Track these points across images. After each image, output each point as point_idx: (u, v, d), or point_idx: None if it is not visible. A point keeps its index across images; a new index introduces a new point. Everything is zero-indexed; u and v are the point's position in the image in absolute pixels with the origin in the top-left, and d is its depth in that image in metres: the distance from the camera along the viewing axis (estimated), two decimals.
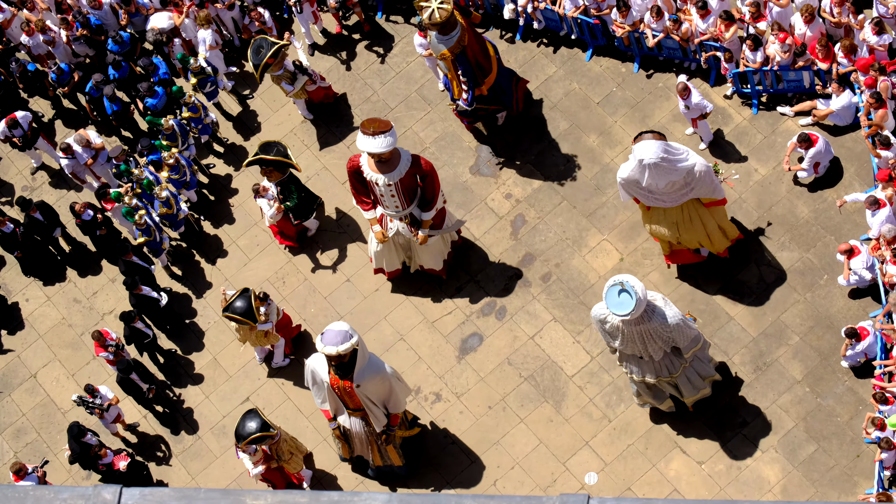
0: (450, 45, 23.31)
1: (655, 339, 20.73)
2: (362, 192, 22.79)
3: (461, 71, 23.77)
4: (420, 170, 22.27)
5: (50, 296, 26.16)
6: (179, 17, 26.95)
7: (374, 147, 21.58)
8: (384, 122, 21.56)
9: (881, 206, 22.07)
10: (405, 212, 22.83)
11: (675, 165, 21.15)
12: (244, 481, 23.62)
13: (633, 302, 19.92)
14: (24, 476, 23.18)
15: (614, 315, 20.16)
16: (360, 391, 20.72)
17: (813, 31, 23.87)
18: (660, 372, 21.52)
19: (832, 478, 21.77)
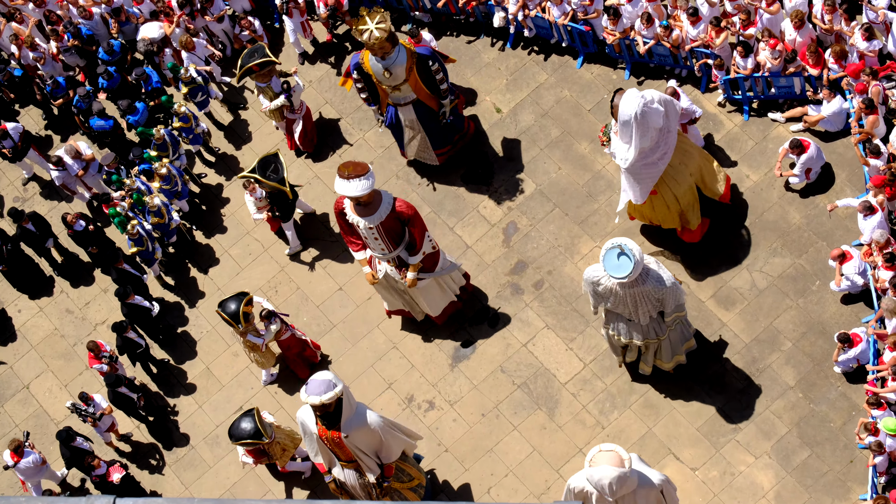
0: (389, 66, 23.23)
1: (647, 301, 20.98)
2: (350, 234, 22.54)
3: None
4: (401, 214, 21.92)
5: (42, 307, 26.14)
6: (170, 27, 26.95)
7: (351, 191, 21.24)
8: (361, 165, 21.20)
9: (874, 212, 22.10)
10: (392, 254, 22.51)
11: (653, 107, 21.60)
12: (238, 491, 23.61)
13: (632, 264, 20.20)
14: (22, 454, 23.35)
15: (612, 277, 20.42)
16: (348, 441, 20.20)
17: (803, 37, 23.91)
18: (647, 334, 21.79)
19: (826, 483, 21.78)
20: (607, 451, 18.89)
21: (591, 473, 18.93)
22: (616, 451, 18.86)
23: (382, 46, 22.89)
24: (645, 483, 19.44)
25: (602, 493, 19.17)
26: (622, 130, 21.99)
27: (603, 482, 18.74)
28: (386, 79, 23.46)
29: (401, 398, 23.81)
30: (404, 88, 23.68)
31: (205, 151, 26.85)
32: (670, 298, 21.01)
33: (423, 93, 23.83)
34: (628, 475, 18.78)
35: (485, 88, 26.21)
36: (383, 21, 22.70)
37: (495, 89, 26.17)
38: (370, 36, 22.70)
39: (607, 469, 18.67)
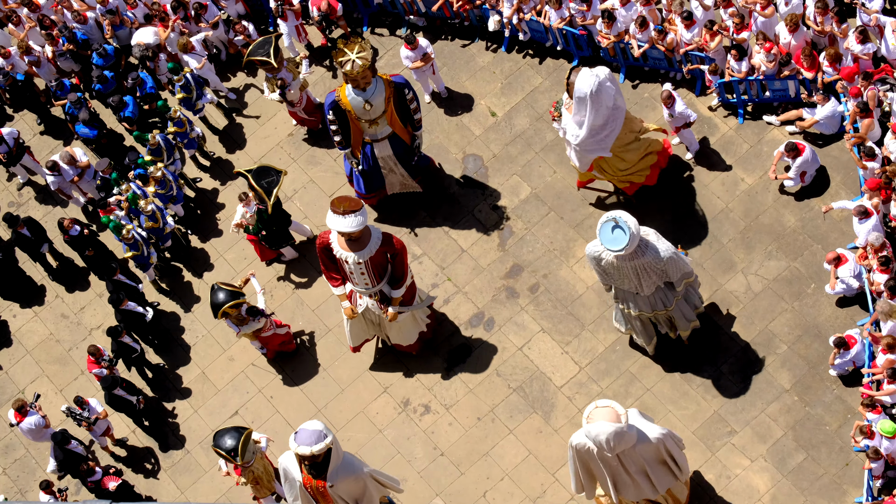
0: (369, 98, 23.09)
1: (649, 273, 21.15)
2: (331, 269, 22.57)
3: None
4: (391, 248, 22.05)
5: (37, 312, 26.12)
6: (165, 32, 26.93)
7: (345, 226, 21.33)
8: (355, 200, 21.30)
9: (869, 215, 22.11)
10: (375, 289, 22.57)
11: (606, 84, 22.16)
12: (233, 496, 23.60)
13: (627, 237, 20.45)
14: (25, 414, 23.60)
15: (609, 251, 20.59)
16: (332, 491, 20.03)
17: (798, 40, 23.93)
18: (655, 306, 21.99)
19: (821, 486, 21.79)
20: (603, 406, 19.29)
21: (588, 429, 19.28)
22: (612, 407, 19.26)
23: (364, 76, 22.78)
24: (644, 439, 19.70)
25: (601, 448, 19.47)
26: (577, 107, 22.49)
27: (600, 438, 19.09)
28: (366, 112, 23.27)
29: (396, 402, 23.81)
30: (381, 122, 23.57)
31: (200, 156, 26.83)
32: (672, 268, 21.25)
33: (398, 125, 23.83)
34: (625, 430, 19.11)
35: (480, 92, 26.22)
36: (363, 50, 22.59)
37: (490, 93, 26.18)
38: (352, 66, 22.58)
39: (604, 425, 19.01)
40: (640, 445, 19.79)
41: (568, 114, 22.99)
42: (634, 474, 20.27)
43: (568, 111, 22.97)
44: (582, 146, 23.03)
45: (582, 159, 23.38)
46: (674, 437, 20.32)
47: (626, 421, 19.20)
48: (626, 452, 19.81)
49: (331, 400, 24.10)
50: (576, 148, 23.12)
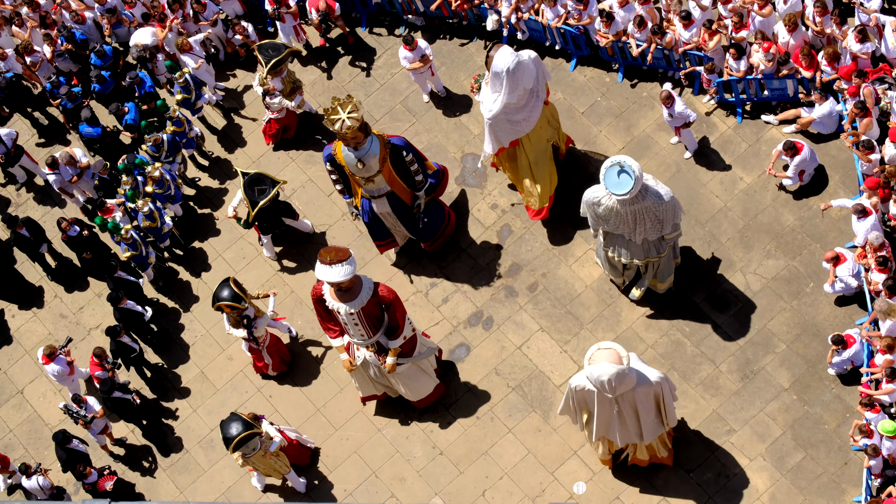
0: (361, 156, 22.60)
1: (646, 219, 21.44)
2: (328, 320, 22.22)
3: None
4: (382, 299, 21.66)
5: (36, 311, 26.11)
6: (163, 32, 26.92)
7: (333, 276, 20.91)
8: (342, 250, 20.96)
9: (867, 214, 22.13)
10: (371, 340, 22.12)
11: (525, 63, 22.42)
12: (232, 495, 23.60)
13: (633, 181, 20.69)
14: (54, 358, 23.84)
15: (613, 195, 20.88)
16: None
17: (796, 39, 23.95)
18: (648, 252, 22.29)
19: (820, 485, 21.81)
20: (606, 348, 19.63)
21: (590, 371, 19.54)
22: (615, 349, 19.57)
23: (355, 136, 22.21)
24: (643, 381, 19.96)
25: (601, 389, 19.71)
26: (493, 82, 22.70)
27: (602, 379, 19.36)
28: (359, 170, 22.81)
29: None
30: (378, 180, 23.06)
31: (198, 155, 26.83)
32: (670, 214, 21.49)
33: (397, 185, 23.27)
34: (627, 372, 19.40)
35: None
36: (355, 110, 22.02)
37: None
38: (342, 126, 22.01)
39: (606, 366, 19.30)
40: (638, 388, 20.12)
41: (486, 88, 23.19)
42: (627, 418, 20.64)
43: (487, 86, 23.19)
44: (494, 122, 23.18)
45: (493, 140, 23.53)
46: (669, 384, 20.68)
47: (628, 363, 19.56)
48: (624, 395, 20.10)
49: (330, 399, 24.10)
50: (487, 122, 23.26)
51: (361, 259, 24.92)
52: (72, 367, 24.23)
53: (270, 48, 25.36)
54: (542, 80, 23.05)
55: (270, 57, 25.24)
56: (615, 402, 20.24)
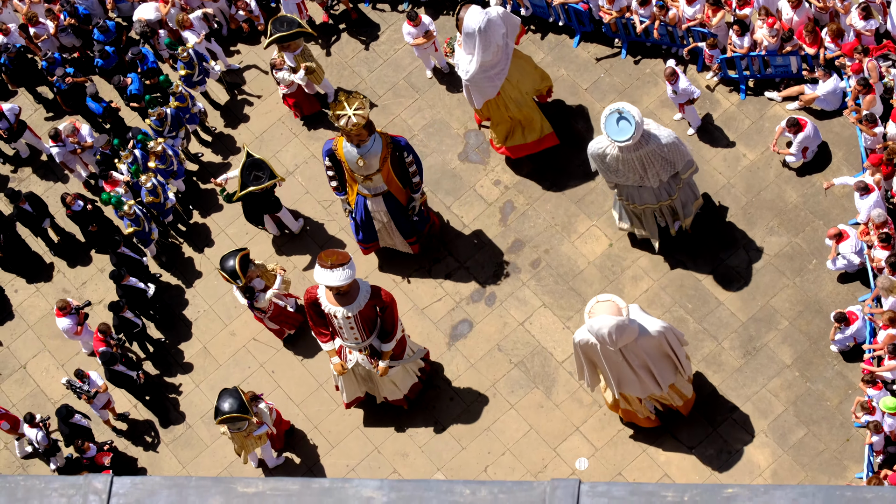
0: (363, 154, 22.53)
1: (654, 162, 21.57)
2: (320, 324, 22.15)
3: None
4: (380, 301, 21.62)
5: (39, 287, 26.12)
6: (165, 7, 26.88)
7: (333, 280, 20.88)
8: (342, 254, 20.93)
9: (870, 191, 22.11)
10: (365, 343, 22.09)
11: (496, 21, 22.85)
12: (235, 469, 23.64)
13: (633, 126, 20.91)
14: (66, 313, 24.09)
15: (615, 143, 21.01)
16: None
17: (800, 15, 23.90)
18: (660, 196, 22.38)
19: (822, 462, 21.83)
20: (604, 301, 19.74)
21: (590, 324, 19.65)
22: (613, 301, 19.65)
23: (359, 133, 22.14)
24: (645, 332, 19.99)
25: (603, 342, 19.81)
26: (466, 42, 22.95)
27: (602, 331, 19.45)
28: (359, 167, 22.73)
29: None
30: (376, 179, 23.02)
31: (201, 131, 26.81)
32: (676, 155, 21.63)
33: (394, 185, 23.23)
34: (627, 324, 19.47)
35: None
36: (362, 107, 21.96)
37: None
38: (347, 122, 21.92)
39: (606, 318, 19.37)
40: (641, 339, 20.21)
41: (460, 50, 23.39)
42: (637, 369, 20.75)
43: (460, 48, 23.38)
44: (472, 82, 23.44)
45: (475, 95, 23.80)
46: (675, 332, 20.77)
47: (628, 314, 19.65)
48: (628, 347, 20.27)
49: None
50: (466, 83, 23.53)
51: None
52: (80, 328, 24.27)
53: (286, 22, 25.27)
54: (511, 31, 23.36)
55: (278, 31, 25.18)
56: (621, 355, 20.27)
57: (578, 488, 10.36)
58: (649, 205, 22.57)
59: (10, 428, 24.08)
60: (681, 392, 21.76)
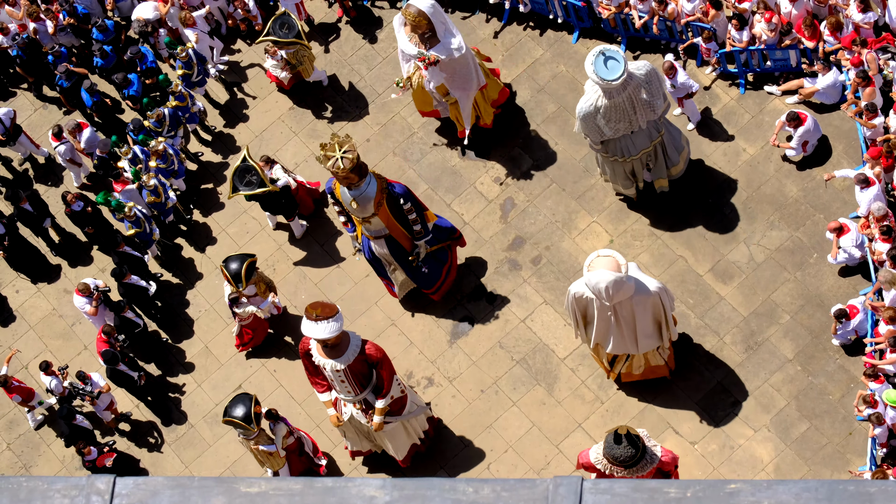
0: (356, 197, 22.10)
1: (640, 99, 21.89)
2: (315, 374, 21.72)
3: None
4: (369, 357, 21.25)
5: (40, 287, 26.13)
6: (165, 6, 26.89)
7: (319, 333, 20.42)
8: (330, 306, 20.50)
9: (870, 184, 22.11)
10: (358, 397, 21.67)
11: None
12: (238, 469, 23.64)
13: (622, 62, 21.22)
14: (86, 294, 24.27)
15: (610, 83, 21.25)
16: None
17: (798, 9, 23.90)
18: (652, 135, 22.63)
19: (825, 456, 21.83)
20: (605, 255, 19.86)
21: (588, 278, 19.75)
22: (613, 257, 19.78)
23: (347, 177, 21.63)
24: (642, 290, 20.11)
25: (599, 297, 19.92)
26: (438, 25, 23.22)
27: (600, 286, 19.55)
28: (354, 209, 22.38)
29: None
30: (375, 222, 22.57)
31: (201, 130, 26.82)
32: (655, 84, 21.92)
33: (396, 229, 22.82)
34: (624, 280, 19.60)
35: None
36: (351, 150, 21.44)
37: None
38: (334, 164, 21.42)
39: (604, 273, 19.48)
40: (636, 297, 20.30)
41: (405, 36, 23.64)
42: (624, 327, 20.88)
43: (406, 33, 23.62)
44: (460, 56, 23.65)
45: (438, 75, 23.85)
46: (668, 293, 20.86)
47: (626, 271, 19.73)
48: (622, 304, 20.30)
49: None
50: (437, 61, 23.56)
51: None
52: (95, 309, 24.32)
53: (287, 26, 25.24)
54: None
55: (276, 33, 25.18)
56: (612, 310, 20.34)
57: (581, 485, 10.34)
58: (644, 150, 22.73)
59: (23, 400, 24.16)
60: (647, 361, 21.87)
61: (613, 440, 18.69)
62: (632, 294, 20.12)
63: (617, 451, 18.63)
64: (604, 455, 18.92)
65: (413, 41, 23.54)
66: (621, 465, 18.88)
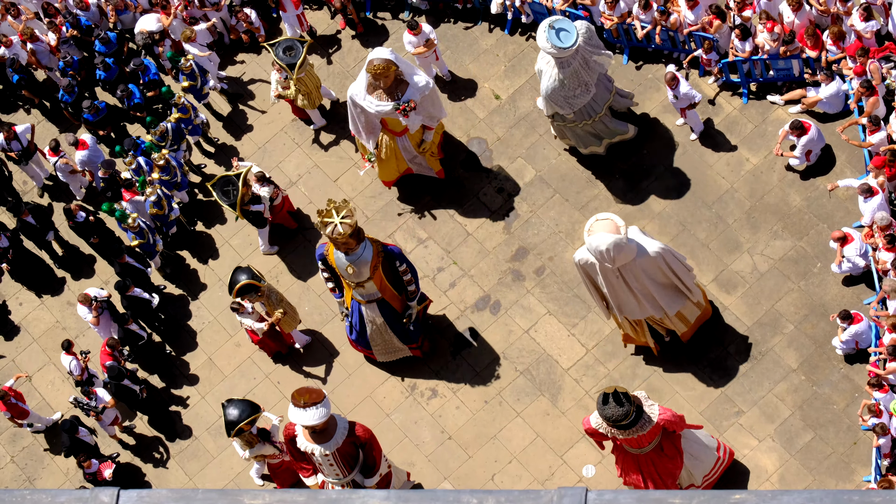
0: (353, 262, 21.99)
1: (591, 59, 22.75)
2: (301, 459, 21.63)
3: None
4: (359, 439, 21.18)
5: (44, 299, 26.13)
6: (167, 19, 26.91)
7: (307, 420, 20.34)
8: (316, 392, 20.41)
9: (874, 194, 22.08)
10: (347, 479, 21.56)
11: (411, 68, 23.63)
12: (242, 481, 23.62)
13: (573, 29, 22.04)
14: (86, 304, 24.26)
15: (566, 51, 22.09)
16: None
17: (801, 18, 23.89)
18: (608, 87, 23.53)
19: (829, 465, 21.79)
20: (603, 219, 20.17)
21: (589, 242, 20.07)
22: (612, 219, 20.07)
23: (346, 242, 21.57)
24: (644, 252, 20.20)
25: (601, 260, 20.17)
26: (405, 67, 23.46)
27: (600, 248, 19.80)
28: (349, 275, 22.29)
29: (403, 386, 23.82)
30: (368, 286, 22.51)
31: (204, 142, 26.82)
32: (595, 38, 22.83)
33: (388, 292, 22.77)
34: (624, 242, 19.76)
35: (483, 75, 26.19)
36: (349, 216, 21.38)
37: (494, 76, 26.15)
38: (333, 230, 21.35)
39: (604, 236, 19.74)
40: (640, 260, 20.47)
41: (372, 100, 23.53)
42: (637, 292, 21.02)
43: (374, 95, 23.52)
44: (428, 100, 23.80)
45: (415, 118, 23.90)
46: (675, 254, 21.04)
47: (626, 233, 19.94)
48: (627, 268, 20.51)
49: (338, 385, 24.11)
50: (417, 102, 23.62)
51: None
52: (97, 319, 24.30)
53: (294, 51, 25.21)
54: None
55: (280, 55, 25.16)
56: (620, 275, 20.46)
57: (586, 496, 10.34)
58: (606, 102, 23.47)
59: (12, 417, 24.11)
60: (685, 318, 21.92)
61: (602, 402, 19.23)
62: (633, 256, 20.27)
63: (607, 411, 19.08)
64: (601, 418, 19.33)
65: (381, 99, 23.41)
66: (617, 425, 19.13)
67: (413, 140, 24.26)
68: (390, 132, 24.08)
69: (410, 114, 23.50)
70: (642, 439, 19.87)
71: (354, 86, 23.56)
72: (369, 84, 23.43)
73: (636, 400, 19.36)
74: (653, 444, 20.18)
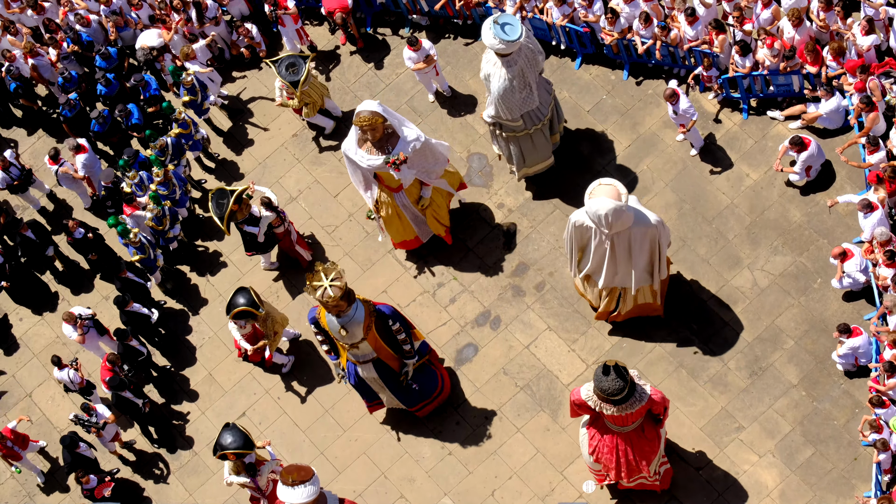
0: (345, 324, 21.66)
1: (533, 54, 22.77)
2: None
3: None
4: None
5: (43, 315, 26.12)
6: (168, 34, 26.94)
7: (297, 498, 20.14)
8: (305, 469, 20.21)
9: (874, 209, 22.09)
10: None
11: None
12: (242, 497, 23.59)
13: (517, 22, 22.19)
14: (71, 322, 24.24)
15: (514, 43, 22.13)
16: None
17: (801, 34, 23.91)
18: (548, 89, 23.76)
19: (830, 481, 21.77)
20: (606, 184, 20.37)
21: (589, 205, 20.19)
22: (614, 185, 20.19)
23: (337, 305, 21.27)
24: (641, 221, 20.36)
25: (599, 224, 20.25)
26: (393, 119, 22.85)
27: (600, 212, 19.93)
28: (343, 337, 21.99)
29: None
30: (363, 346, 22.11)
31: (204, 157, 26.84)
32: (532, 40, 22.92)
33: (384, 352, 22.39)
34: (624, 209, 19.82)
35: (483, 91, 26.17)
36: (339, 278, 21.12)
37: None
38: (323, 293, 21.05)
39: (604, 200, 19.87)
40: (635, 229, 20.59)
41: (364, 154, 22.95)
42: (619, 260, 21.26)
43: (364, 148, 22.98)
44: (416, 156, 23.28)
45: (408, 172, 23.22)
46: (665, 229, 21.15)
47: (626, 200, 20.07)
48: (620, 236, 20.58)
49: (338, 401, 24.10)
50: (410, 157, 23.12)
51: (368, 260, 24.97)
52: (82, 338, 24.29)
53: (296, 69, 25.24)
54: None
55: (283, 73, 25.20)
56: (610, 242, 20.61)
57: None
58: (550, 103, 23.72)
59: (3, 456, 24.01)
60: (636, 298, 22.32)
61: (602, 372, 19.21)
62: (630, 224, 20.32)
63: (605, 383, 19.06)
64: (594, 391, 19.24)
65: (372, 153, 22.95)
66: (611, 399, 19.27)
67: (411, 196, 23.83)
68: (387, 188, 23.67)
69: (402, 167, 22.98)
70: (628, 417, 19.89)
71: (347, 141, 23.12)
72: (359, 137, 22.99)
73: (630, 375, 19.44)
74: (636, 424, 20.23)
